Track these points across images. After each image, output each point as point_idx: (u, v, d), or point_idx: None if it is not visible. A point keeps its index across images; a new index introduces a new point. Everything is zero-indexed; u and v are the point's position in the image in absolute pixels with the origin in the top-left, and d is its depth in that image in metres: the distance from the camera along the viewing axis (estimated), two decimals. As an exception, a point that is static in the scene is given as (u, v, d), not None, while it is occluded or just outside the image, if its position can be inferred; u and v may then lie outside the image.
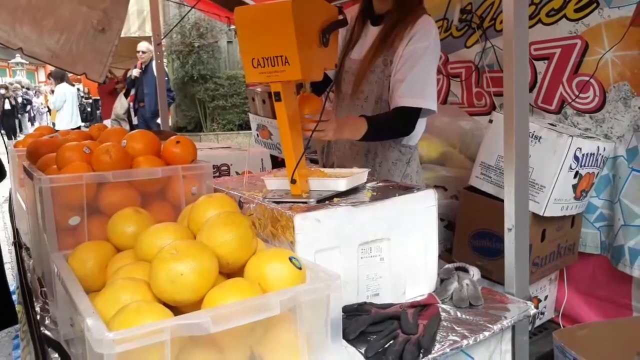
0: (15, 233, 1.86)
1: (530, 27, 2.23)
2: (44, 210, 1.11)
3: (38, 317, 1.15)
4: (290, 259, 0.86)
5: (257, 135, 3.69)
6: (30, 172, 1.25)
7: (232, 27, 4.60)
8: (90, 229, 1.14)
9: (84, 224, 1.14)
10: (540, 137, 1.92)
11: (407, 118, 1.65)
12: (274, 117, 3.46)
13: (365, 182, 1.31)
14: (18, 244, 1.72)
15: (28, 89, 18.56)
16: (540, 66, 2.28)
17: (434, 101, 1.66)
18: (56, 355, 0.97)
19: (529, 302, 1.16)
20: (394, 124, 1.65)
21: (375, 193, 1.19)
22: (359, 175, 1.27)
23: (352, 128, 1.55)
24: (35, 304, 1.22)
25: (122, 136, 1.34)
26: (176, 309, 0.77)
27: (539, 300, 2.21)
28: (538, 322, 2.24)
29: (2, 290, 2.17)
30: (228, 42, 10.07)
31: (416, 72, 1.62)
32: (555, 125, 2.03)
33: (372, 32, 1.78)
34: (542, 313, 2.25)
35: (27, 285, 1.37)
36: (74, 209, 1.14)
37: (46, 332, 1.07)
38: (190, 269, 0.77)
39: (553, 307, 2.31)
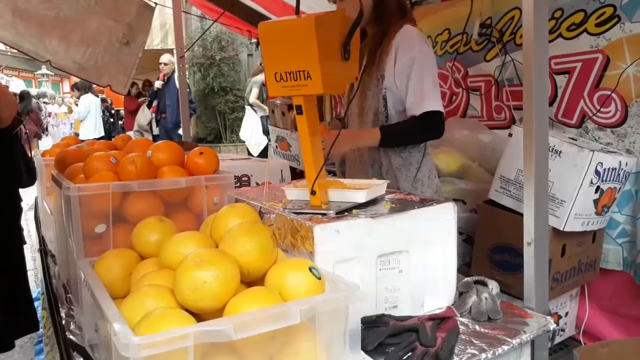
0: (41, 240, 1.91)
1: (551, 41, 2.23)
2: (71, 218, 1.14)
3: (63, 322, 1.17)
4: (310, 269, 0.87)
5: (276, 146, 3.73)
6: (58, 180, 1.29)
7: (253, 40, 4.66)
8: (115, 236, 1.17)
9: (110, 232, 1.17)
10: (561, 152, 1.91)
11: (423, 124, 1.74)
12: (293, 129, 3.51)
13: (384, 194, 1.32)
14: (44, 251, 1.77)
15: (39, 97, 18.36)
16: (561, 80, 2.27)
17: (437, 101, 1.73)
18: (81, 359, 1.00)
19: (548, 317, 1.15)
20: (410, 128, 1.76)
21: (394, 205, 1.20)
22: (378, 187, 1.28)
23: (368, 135, 1.76)
24: (61, 309, 1.25)
25: (148, 147, 1.38)
26: (198, 316, 0.79)
27: (559, 317, 2.18)
28: (558, 339, 2.20)
29: (25, 297, 2.22)
30: (248, 55, 10.21)
31: (412, 84, 1.72)
32: (575, 140, 2.01)
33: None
34: (563, 330, 2.22)
35: (52, 291, 1.40)
36: (100, 217, 1.17)
37: (71, 337, 1.10)
38: (213, 277, 0.79)
39: (574, 324, 2.27)
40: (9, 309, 2.06)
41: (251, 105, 6.88)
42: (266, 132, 6.33)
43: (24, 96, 10.08)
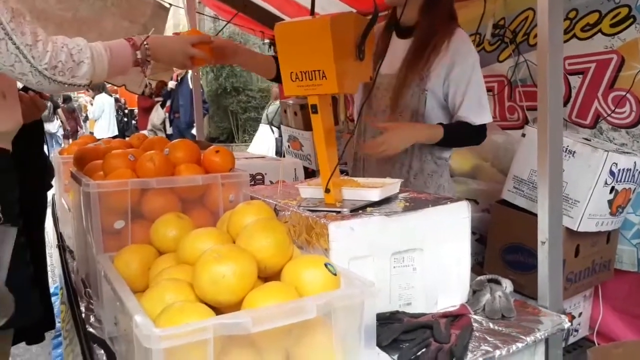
0: (59, 236, 1.94)
1: (565, 41, 2.21)
2: (90, 214, 1.17)
3: (83, 315, 1.20)
4: (325, 265, 0.88)
5: (289, 146, 3.75)
6: (78, 177, 1.32)
7: (266, 41, 4.68)
8: (133, 232, 1.20)
9: (128, 228, 1.20)
10: (575, 152, 1.90)
11: (474, 132, 1.75)
12: (305, 128, 3.53)
13: (398, 193, 1.32)
14: (62, 247, 1.80)
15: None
16: (575, 81, 2.26)
17: (490, 113, 1.76)
18: (101, 351, 1.02)
19: (562, 316, 1.15)
20: (468, 135, 1.76)
21: (408, 204, 1.21)
22: (392, 185, 1.28)
23: (429, 130, 1.72)
24: (80, 303, 1.28)
25: (165, 145, 1.40)
26: (216, 310, 0.81)
27: (573, 317, 2.17)
28: (572, 340, 2.19)
29: (44, 295, 2.23)
30: (261, 55, 10.24)
31: (471, 91, 1.71)
32: (589, 140, 2.00)
33: (399, 45, 1.78)
34: (576, 330, 2.21)
35: (71, 286, 1.43)
36: (119, 213, 1.19)
37: (91, 329, 1.12)
38: (232, 272, 0.81)
39: (587, 325, 2.26)
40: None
41: (270, 124, 6.79)
42: (278, 154, 6.25)
43: (65, 98, 10.29)
